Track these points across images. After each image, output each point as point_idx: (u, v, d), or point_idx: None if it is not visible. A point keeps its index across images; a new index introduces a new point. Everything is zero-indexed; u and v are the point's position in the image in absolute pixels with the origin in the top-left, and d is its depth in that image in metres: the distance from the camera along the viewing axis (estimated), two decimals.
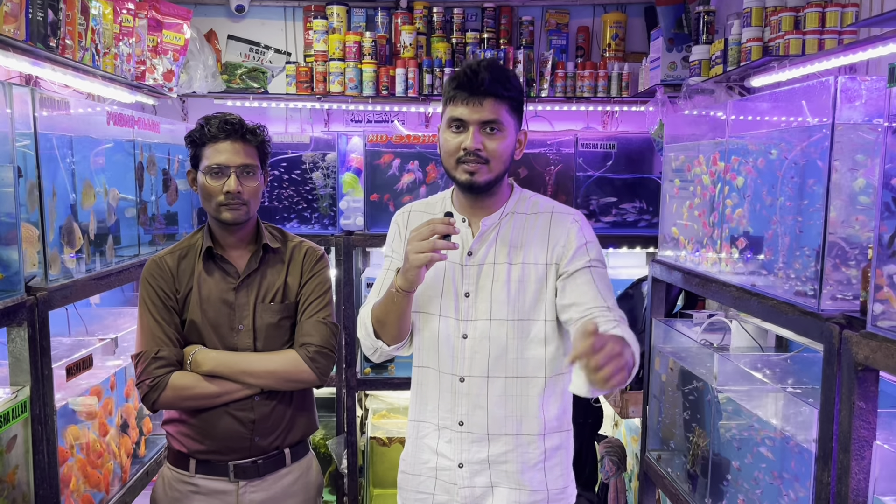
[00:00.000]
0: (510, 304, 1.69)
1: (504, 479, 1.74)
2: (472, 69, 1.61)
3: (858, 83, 1.66)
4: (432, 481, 1.79)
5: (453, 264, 1.74)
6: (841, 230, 1.70)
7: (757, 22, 2.60)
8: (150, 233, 2.69)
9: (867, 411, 1.55)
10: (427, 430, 1.80)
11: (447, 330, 1.74)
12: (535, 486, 1.74)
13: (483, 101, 1.61)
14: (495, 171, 1.65)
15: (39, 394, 1.82)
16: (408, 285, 1.62)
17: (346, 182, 3.43)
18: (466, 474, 1.75)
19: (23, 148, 1.83)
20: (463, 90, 1.62)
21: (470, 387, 1.72)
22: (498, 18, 3.79)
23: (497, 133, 1.63)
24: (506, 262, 1.71)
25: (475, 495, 1.75)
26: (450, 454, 1.76)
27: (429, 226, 1.56)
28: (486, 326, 1.70)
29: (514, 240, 1.72)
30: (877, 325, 1.49)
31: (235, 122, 1.89)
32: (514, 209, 1.76)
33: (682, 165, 2.63)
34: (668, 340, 2.75)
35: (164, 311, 1.92)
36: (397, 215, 1.90)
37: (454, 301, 1.73)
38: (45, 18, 2.10)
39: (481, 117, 1.62)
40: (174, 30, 3.20)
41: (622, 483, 3.40)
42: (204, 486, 1.96)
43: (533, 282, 1.70)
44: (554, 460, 1.77)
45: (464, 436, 1.74)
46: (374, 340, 1.77)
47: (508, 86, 1.64)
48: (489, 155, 1.63)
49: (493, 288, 1.70)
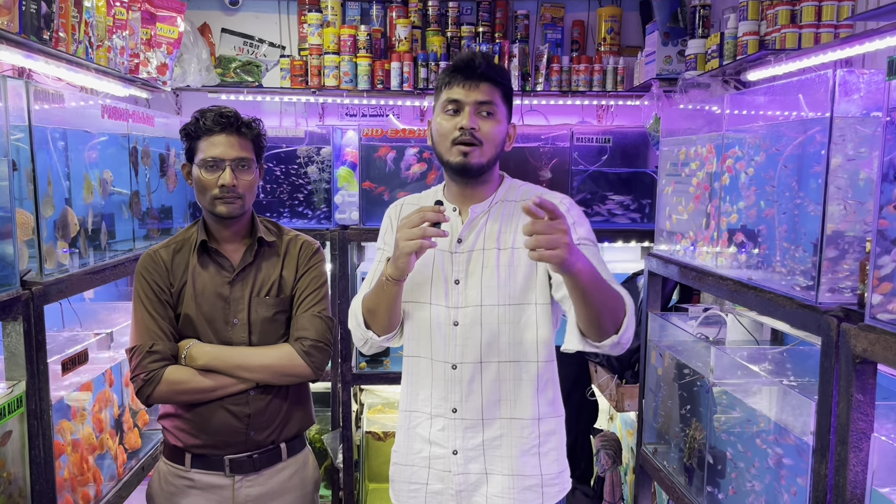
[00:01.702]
0: (500, 289, 1.70)
1: (498, 464, 1.74)
2: (469, 56, 1.68)
3: (857, 76, 1.66)
4: (426, 471, 1.80)
5: (443, 252, 1.75)
6: (839, 223, 1.70)
7: (753, 16, 2.60)
8: (144, 227, 2.67)
9: (865, 403, 1.56)
10: (419, 420, 1.81)
11: (438, 318, 1.75)
12: (529, 471, 1.75)
13: (479, 84, 1.65)
14: (487, 155, 1.67)
15: (35, 389, 1.81)
16: (398, 273, 1.62)
17: (341, 176, 3.42)
18: (461, 461, 1.75)
19: (16, 141, 1.81)
20: (459, 73, 1.66)
21: (462, 373, 1.73)
22: (493, 12, 3.78)
23: (492, 116, 1.67)
24: (494, 247, 1.72)
25: (469, 482, 1.76)
26: (443, 441, 1.77)
27: (419, 213, 1.56)
28: (477, 313, 1.71)
29: (502, 226, 1.74)
30: (875, 318, 1.50)
31: (231, 115, 1.89)
32: (504, 197, 1.78)
33: (678, 159, 2.63)
34: (664, 334, 2.75)
35: (158, 305, 1.91)
36: (390, 208, 1.91)
37: (444, 289, 1.74)
38: (39, 10, 2.09)
39: (477, 98, 1.65)
40: (168, 23, 3.18)
41: (618, 476, 3.41)
42: (200, 481, 1.95)
43: (523, 266, 1.71)
44: (548, 445, 1.77)
45: (457, 422, 1.75)
46: (364, 331, 1.77)
47: (503, 74, 1.71)
48: (483, 136, 1.65)
49: (483, 274, 1.71)
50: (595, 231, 1.80)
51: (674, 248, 2.66)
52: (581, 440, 3.49)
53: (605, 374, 3.20)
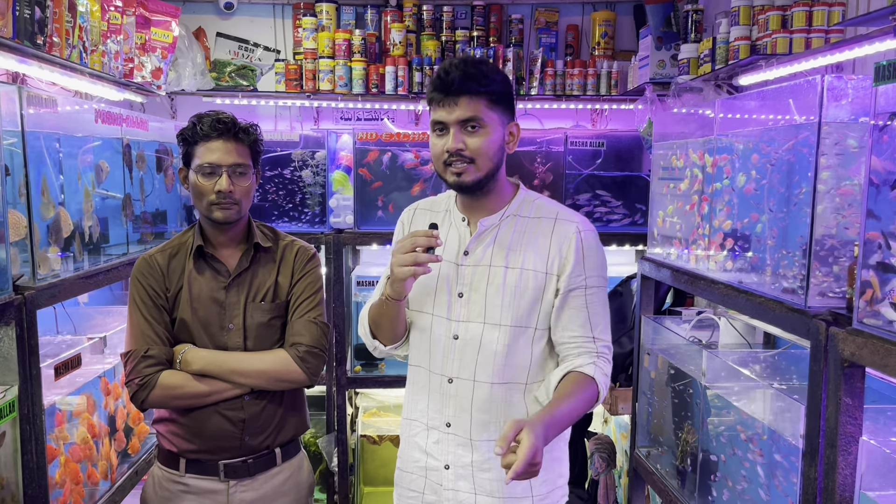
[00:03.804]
0: (503, 309, 1.66)
1: (486, 486, 1.70)
2: (445, 70, 1.60)
3: (845, 82, 1.68)
4: (422, 480, 1.79)
5: (449, 263, 1.72)
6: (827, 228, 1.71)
7: (745, 21, 2.61)
8: (138, 231, 2.67)
9: (853, 407, 1.57)
10: (417, 429, 1.79)
11: (439, 330, 1.72)
12: (520, 493, 1.71)
13: (458, 101, 1.58)
14: (483, 170, 1.62)
15: (28, 393, 1.81)
16: (396, 295, 1.64)
17: (335, 180, 3.42)
18: (451, 477, 1.73)
19: (10, 146, 1.81)
20: (438, 92, 1.61)
21: (458, 388, 1.71)
22: (487, 16, 3.79)
23: (478, 130, 1.60)
24: (502, 265, 1.67)
25: (459, 499, 1.72)
26: (437, 454, 1.75)
27: (411, 238, 1.56)
28: (479, 329, 1.68)
29: (512, 243, 1.68)
30: (863, 322, 1.51)
31: (228, 120, 1.88)
32: (517, 212, 1.71)
33: (671, 163, 2.65)
34: (657, 338, 2.76)
35: (153, 310, 1.91)
36: (403, 213, 1.89)
37: (447, 300, 1.71)
38: (33, 15, 2.09)
39: (458, 117, 1.59)
40: (162, 27, 3.19)
41: (612, 479, 3.42)
42: (194, 486, 1.95)
43: (531, 289, 1.66)
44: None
45: (450, 437, 1.72)
46: (371, 340, 1.80)
47: (484, 80, 1.59)
48: (472, 153, 1.60)
49: (487, 291, 1.68)
50: None
51: (667, 252, 2.67)
52: (575, 443, 3.50)
53: None
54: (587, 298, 1.66)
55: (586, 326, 1.66)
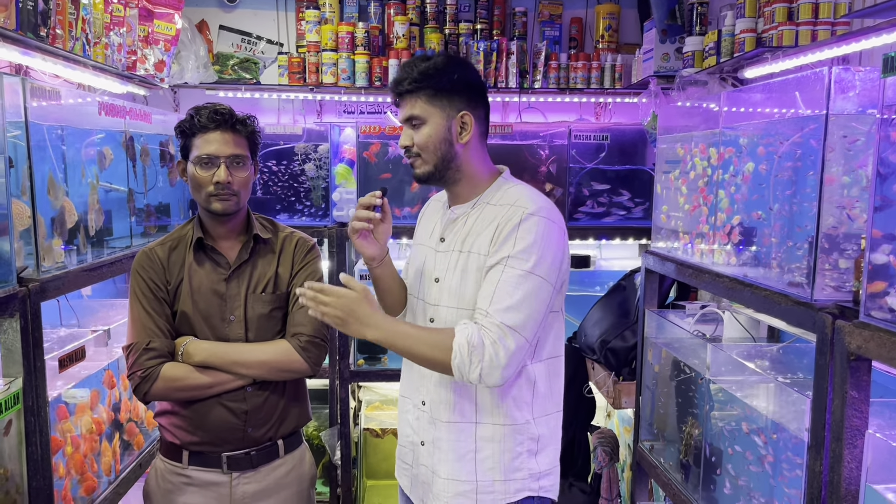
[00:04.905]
0: (454, 292, 1.73)
1: (439, 466, 1.77)
2: (396, 75, 1.75)
3: (852, 74, 1.67)
4: (411, 454, 1.88)
5: (430, 249, 1.82)
6: (834, 220, 1.70)
7: (750, 13, 2.60)
8: (141, 224, 2.67)
9: (860, 400, 1.56)
10: (406, 406, 1.89)
11: (421, 313, 1.83)
12: (465, 476, 1.74)
13: (401, 102, 1.74)
14: (430, 162, 1.72)
15: (32, 385, 1.81)
16: (364, 257, 1.81)
17: (338, 173, 3.42)
18: (424, 453, 1.81)
19: (13, 139, 1.81)
20: (393, 95, 1.77)
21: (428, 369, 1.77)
22: (491, 9, 3.78)
23: (418, 126, 1.72)
24: (460, 249, 1.74)
25: (427, 476, 1.81)
26: (417, 431, 1.83)
27: (360, 201, 1.77)
28: (445, 312, 1.75)
29: (473, 229, 1.73)
30: (870, 315, 1.50)
31: (225, 112, 1.89)
32: (488, 200, 1.75)
33: (676, 157, 2.64)
34: (661, 331, 2.76)
35: (154, 303, 1.91)
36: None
37: (428, 285, 1.80)
38: (36, 7, 2.08)
39: (402, 116, 1.75)
40: (165, 20, 3.18)
41: (615, 473, 3.42)
42: (197, 478, 1.96)
43: (473, 271, 1.69)
44: (485, 452, 1.73)
45: (424, 415, 1.81)
46: None
47: (419, 77, 1.68)
48: (418, 148, 1.72)
49: (452, 275, 1.74)
50: (592, 228, 1.81)
51: (671, 246, 2.66)
52: (578, 437, 3.49)
53: (603, 371, 3.20)
54: (502, 275, 1.61)
55: (487, 300, 1.61)
